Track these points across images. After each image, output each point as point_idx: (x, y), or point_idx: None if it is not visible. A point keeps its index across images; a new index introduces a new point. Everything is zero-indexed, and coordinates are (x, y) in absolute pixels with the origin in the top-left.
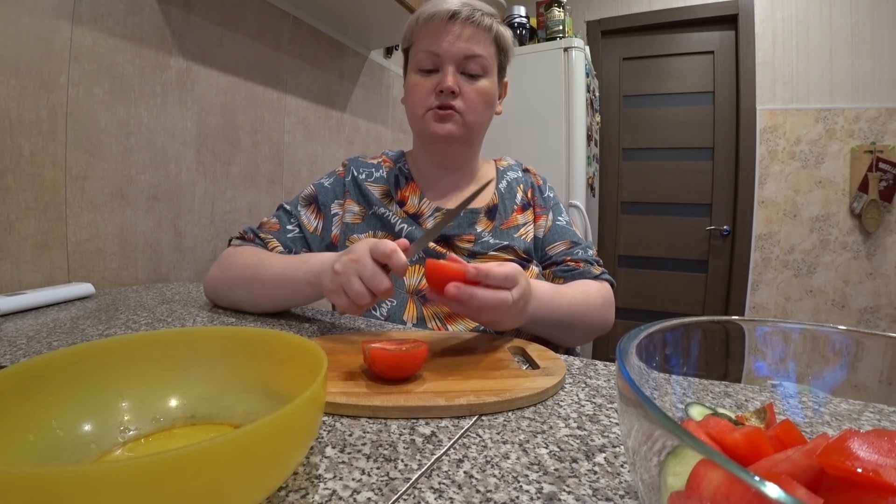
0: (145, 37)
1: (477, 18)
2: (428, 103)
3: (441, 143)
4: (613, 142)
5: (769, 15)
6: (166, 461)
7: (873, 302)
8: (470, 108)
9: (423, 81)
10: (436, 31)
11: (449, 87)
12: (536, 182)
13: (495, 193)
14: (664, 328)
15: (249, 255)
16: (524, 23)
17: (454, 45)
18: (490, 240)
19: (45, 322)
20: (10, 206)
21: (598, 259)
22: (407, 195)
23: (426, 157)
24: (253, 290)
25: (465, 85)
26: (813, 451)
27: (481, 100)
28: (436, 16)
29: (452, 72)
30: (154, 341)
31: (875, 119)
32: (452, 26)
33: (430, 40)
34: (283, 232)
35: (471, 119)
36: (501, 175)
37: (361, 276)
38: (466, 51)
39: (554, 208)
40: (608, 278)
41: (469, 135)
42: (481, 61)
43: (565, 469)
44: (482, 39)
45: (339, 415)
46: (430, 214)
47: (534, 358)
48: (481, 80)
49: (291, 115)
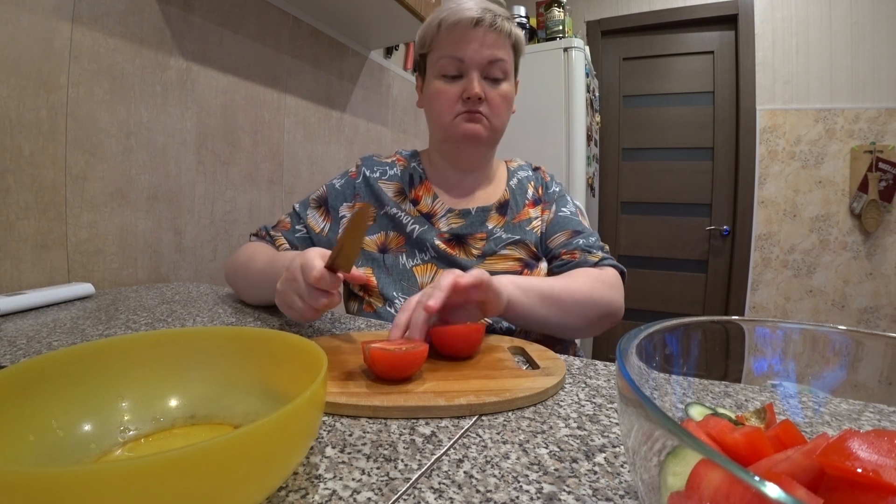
0: (145, 37)
1: (499, 25)
2: (455, 109)
3: (470, 143)
4: (613, 142)
5: (769, 15)
6: (166, 461)
7: (873, 302)
8: (495, 112)
9: (449, 88)
10: (460, 37)
11: (477, 93)
12: (545, 178)
13: (507, 190)
14: (664, 328)
15: (248, 252)
16: (524, 23)
17: (479, 51)
18: (502, 235)
19: (45, 322)
20: (10, 206)
21: (602, 245)
22: (420, 194)
23: (445, 159)
24: (246, 283)
25: (489, 90)
26: (813, 451)
27: (505, 103)
28: (460, 23)
29: (477, 78)
30: (154, 341)
31: (875, 119)
32: (476, 32)
33: (453, 46)
34: (292, 231)
35: (496, 123)
36: (512, 174)
37: (299, 294)
38: (491, 56)
39: (558, 200)
40: (611, 263)
41: (494, 137)
42: (503, 65)
43: (565, 469)
44: (503, 44)
45: (339, 415)
46: (442, 215)
47: (534, 358)
48: (503, 84)
49: (291, 115)
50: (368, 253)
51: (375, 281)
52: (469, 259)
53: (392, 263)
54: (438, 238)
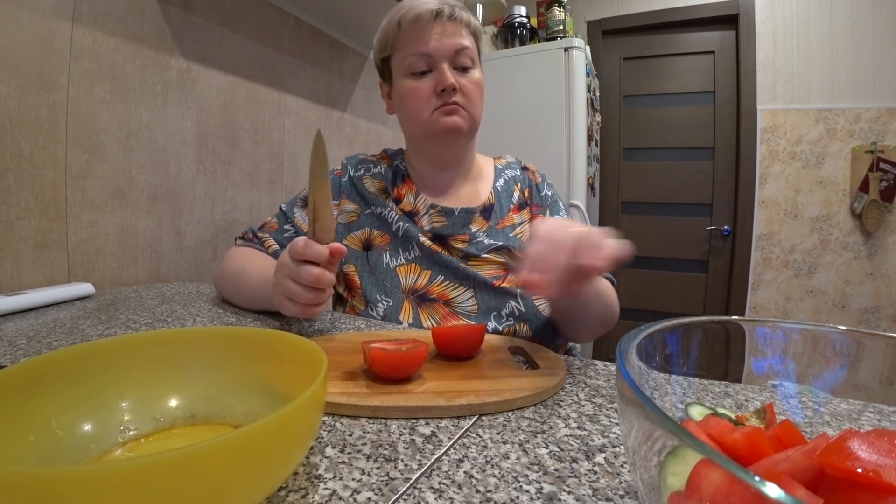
0: (146, 36)
1: (458, 14)
2: (432, 105)
3: (451, 137)
4: (614, 142)
5: (770, 15)
6: (166, 461)
7: (874, 302)
8: (471, 100)
9: (421, 84)
10: (423, 31)
11: (451, 84)
12: (535, 180)
13: (492, 192)
14: (664, 328)
15: (239, 261)
16: (525, 23)
17: (444, 42)
18: (484, 240)
19: (45, 322)
20: (10, 205)
21: None
22: (403, 192)
23: (423, 158)
24: (239, 296)
25: (461, 79)
26: (813, 451)
27: (477, 90)
28: (421, 17)
29: (448, 68)
30: (154, 341)
31: (876, 119)
32: (437, 25)
33: (418, 42)
34: (280, 232)
35: (474, 111)
36: (499, 173)
37: (291, 277)
38: (456, 45)
39: (551, 206)
40: (607, 275)
41: (473, 127)
42: (470, 53)
43: (565, 469)
44: (464, 32)
45: (339, 415)
46: (425, 212)
47: (534, 358)
48: (473, 72)
49: (292, 115)
50: (352, 251)
51: (358, 281)
52: (453, 259)
53: (375, 262)
54: (423, 235)
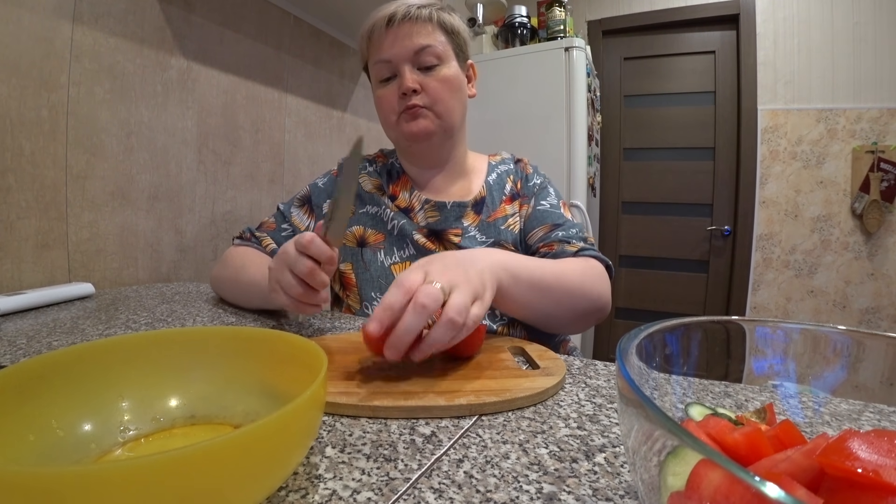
0: (146, 36)
1: (413, 13)
2: (397, 110)
3: (421, 141)
4: (614, 142)
5: (770, 15)
6: (166, 461)
7: (874, 302)
8: (436, 99)
9: (387, 91)
10: (381, 39)
11: (409, 86)
12: (526, 171)
13: (483, 186)
14: (664, 328)
15: (237, 260)
16: (525, 22)
17: (400, 46)
18: (476, 235)
19: (45, 322)
20: (10, 205)
21: (585, 236)
22: (398, 190)
23: (406, 159)
24: (237, 293)
25: (425, 79)
26: (813, 451)
27: (446, 88)
28: (376, 26)
29: (409, 70)
30: (154, 341)
31: (876, 119)
32: (392, 30)
33: (378, 51)
34: (277, 231)
35: (441, 109)
36: (492, 168)
37: (288, 265)
38: (414, 46)
39: (538, 193)
40: (593, 254)
41: (445, 125)
42: (432, 50)
43: (565, 469)
44: (425, 30)
45: (339, 415)
46: (420, 208)
47: (534, 358)
48: (440, 69)
49: (292, 115)
50: (347, 248)
51: (354, 278)
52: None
53: (370, 259)
54: (418, 233)
